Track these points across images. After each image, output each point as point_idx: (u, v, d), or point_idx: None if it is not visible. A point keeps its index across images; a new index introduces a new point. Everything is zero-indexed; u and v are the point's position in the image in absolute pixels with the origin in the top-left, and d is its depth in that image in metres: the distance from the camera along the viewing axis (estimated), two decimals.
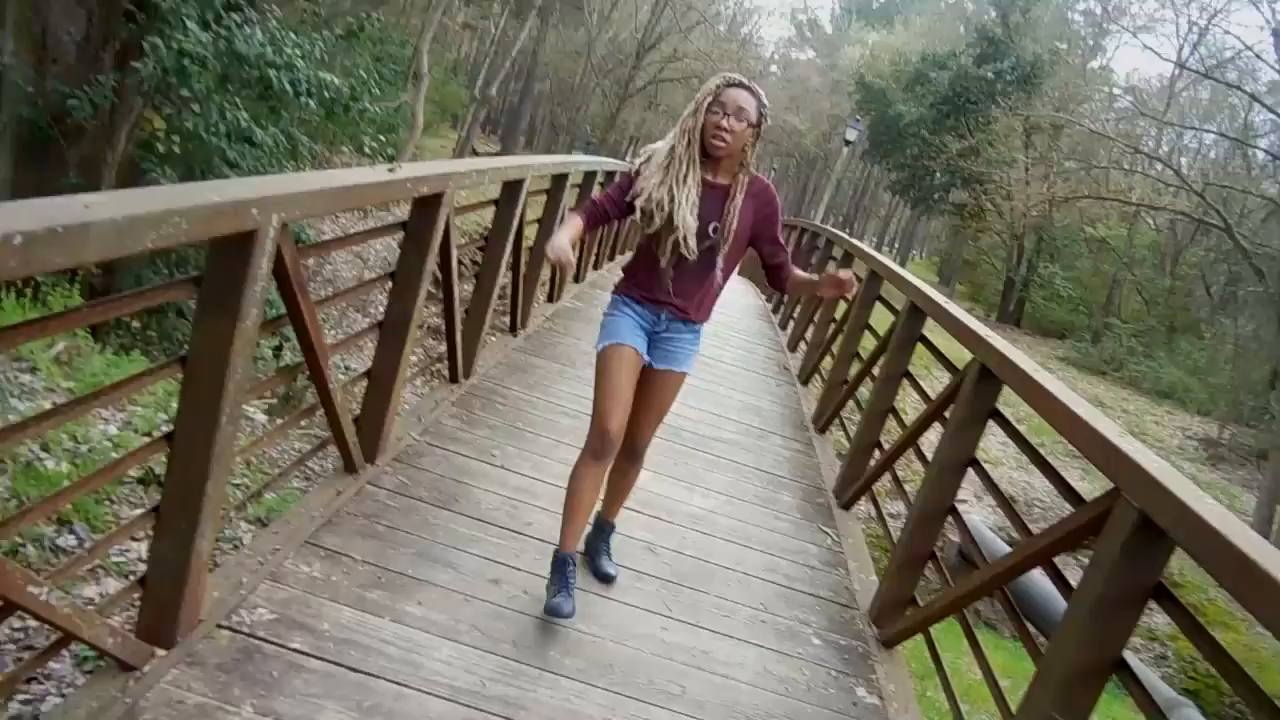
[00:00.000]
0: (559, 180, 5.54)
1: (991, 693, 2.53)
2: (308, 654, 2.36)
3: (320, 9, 9.25)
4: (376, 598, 2.69)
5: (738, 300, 11.75)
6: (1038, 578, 8.48)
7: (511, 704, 2.41)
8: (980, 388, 3.17)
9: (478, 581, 2.94)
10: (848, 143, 24.25)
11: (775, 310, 10.92)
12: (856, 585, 3.75)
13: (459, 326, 4.35)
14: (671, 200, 2.70)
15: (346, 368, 7.99)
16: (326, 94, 7.45)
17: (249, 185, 2.02)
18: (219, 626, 2.35)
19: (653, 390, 2.92)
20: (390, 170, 2.68)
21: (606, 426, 2.78)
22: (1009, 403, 3.13)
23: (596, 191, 5.73)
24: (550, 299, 7.00)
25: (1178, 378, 23.89)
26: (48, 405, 4.27)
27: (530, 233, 5.44)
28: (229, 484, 4.03)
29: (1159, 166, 25.74)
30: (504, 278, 5.01)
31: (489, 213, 4.66)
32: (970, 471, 3.24)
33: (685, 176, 2.71)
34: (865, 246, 6.72)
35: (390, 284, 3.31)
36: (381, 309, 3.47)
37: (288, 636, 2.40)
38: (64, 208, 1.43)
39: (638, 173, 2.81)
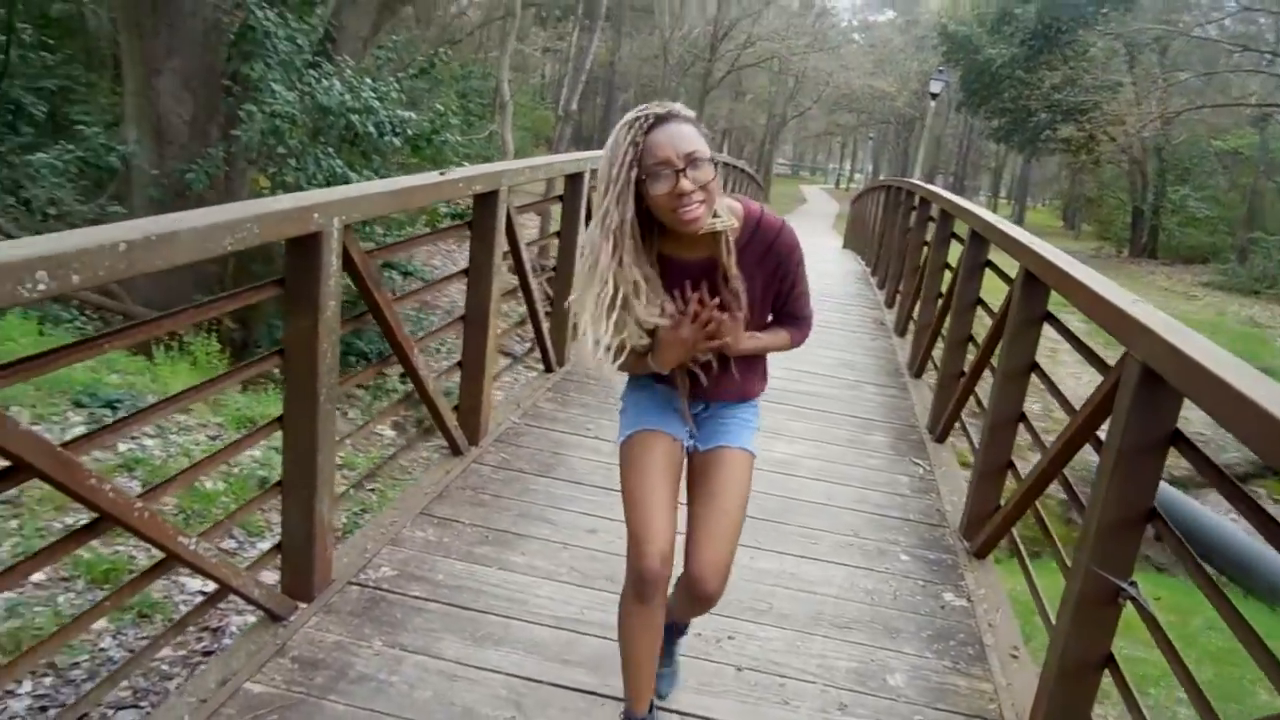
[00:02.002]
0: None
1: (1058, 563, 2.63)
2: (426, 599, 2.70)
3: (393, 54, 9.87)
4: (484, 552, 3.01)
5: (835, 269, 11.78)
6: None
7: (608, 627, 2.65)
8: (1028, 292, 3.26)
9: (575, 532, 3.23)
10: (933, 96, 23.64)
11: (874, 273, 10.89)
12: (948, 506, 3.85)
13: (543, 317, 4.68)
14: (640, 337, 1.85)
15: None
16: (409, 131, 7.99)
17: (312, 195, 2.37)
18: (349, 583, 2.72)
19: (705, 481, 2.01)
20: (441, 174, 3.00)
21: (642, 565, 1.89)
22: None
23: None
24: None
25: None
26: (202, 438, 4.82)
27: None
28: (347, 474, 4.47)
29: None
30: None
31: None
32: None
33: (637, 302, 1.79)
34: (937, 189, 6.73)
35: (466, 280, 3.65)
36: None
37: (408, 587, 2.74)
38: (159, 222, 1.79)
39: None
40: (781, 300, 2.00)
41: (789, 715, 2.37)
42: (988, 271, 4.60)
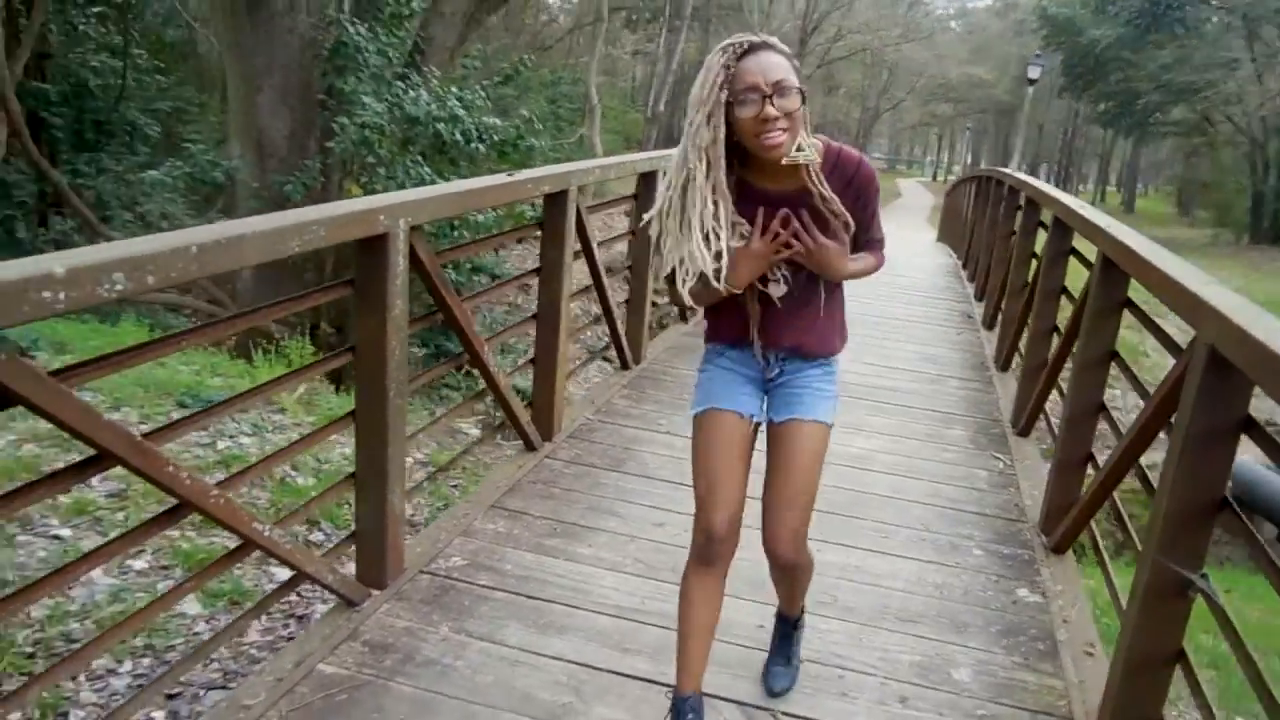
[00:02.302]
0: None
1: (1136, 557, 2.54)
2: (493, 588, 2.78)
3: (478, 63, 10.12)
4: (552, 544, 3.09)
5: (925, 262, 11.53)
6: None
7: (668, 617, 2.68)
8: (1106, 279, 3.15)
9: (643, 525, 3.27)
10: (1031, 82, 22.82)
11: (965, 265, 10.61)
12: (1028, 501, 3.75)
13: (618, 316, 4.74)
14: (714, 259, 1.85)
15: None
16: (495, 137, 8.19)
17: (378, 198, 2.48)
18: (421, 572, 2.82)
19: (779, 453, 2.06)
20: (509, 174, 3.09)
21: (709, 523, 2.02)
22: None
23: None
24: None
25: None
26: (295, 436, 5.05)
27: None
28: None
29: None
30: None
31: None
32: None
33: (714, 220, 1.83)
34: (1024, 176, 6.54)
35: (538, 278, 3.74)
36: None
37: (476, 576, 2.84)
38: (228, 226, 1.91)
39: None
40: (862, 230, 2.02)
41: (847, 706, 2.37)
42: (1075, 260, 4.45)
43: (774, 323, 2.02)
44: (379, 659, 2.39)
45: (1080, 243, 4.32)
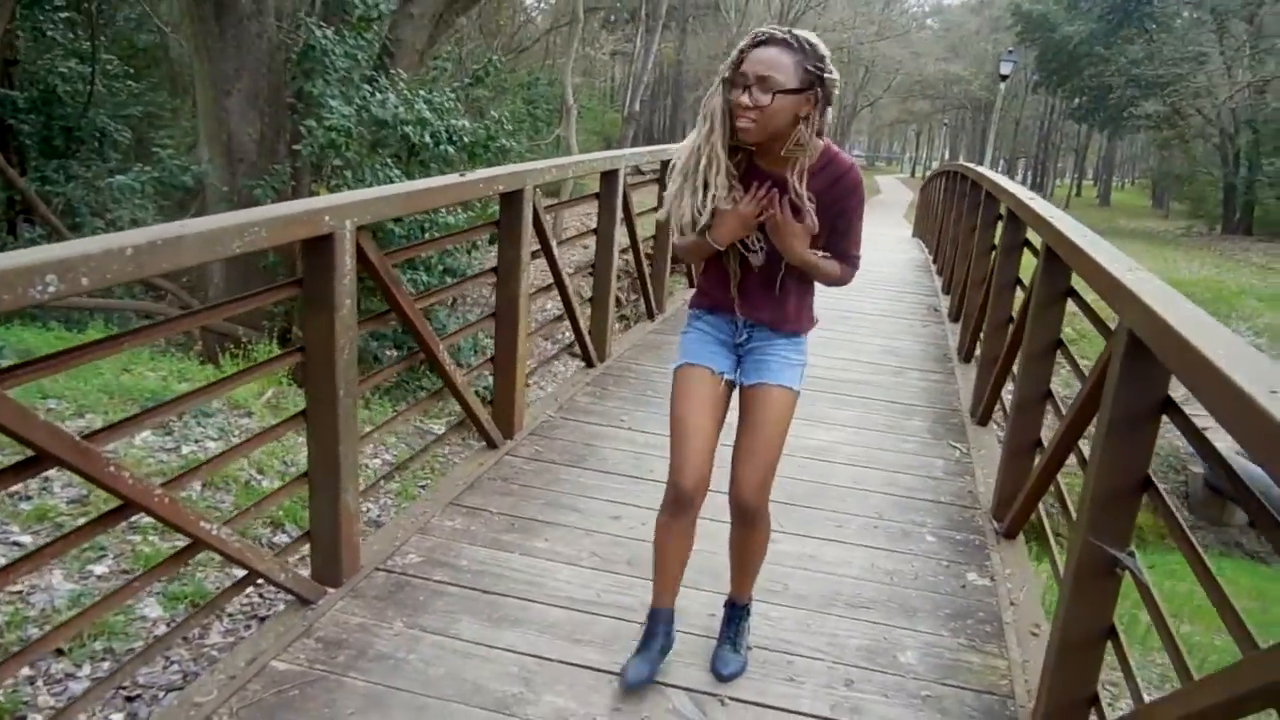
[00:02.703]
0: (665, 167, 5.89)
1: None
2: (448, 583, 2.81)
3: (447, 65, 10.12)
4: (509, 539, 3.12)
5: (897, 257, 11.63)
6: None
7: (623, 608, 2.75)
8: (1050, 269, 3.22)
9: (600, 519, 3.31)
10: (1003, 78, 23.00)
11: (935, 259, 10.71)
12: (981, 488, 3.82)
13: (580, 314, 4.77)
14: (702, 211, 2.14)
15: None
16: (466, 139, 8.19)
17: (324, 199, 2.50)
18: (376, 569, 2.85)
19: (747, 414, 2.30)
20: (461, 174, 3.12)
21: (678, 480, 2.25)
22: None
23: None
24: (692, 284, 7.34)
25: None
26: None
27: (649, 221, 5.82)
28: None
29: None
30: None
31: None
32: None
33: (710, 176, 2.11)
34: (983, 169, 6.62)
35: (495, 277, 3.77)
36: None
37: (432, 572, 2.87)
38: (168, 227, 1.94)
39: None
40: (838, 235, 2.24)
41: (793, 691, 2.41)
42: (1029, 252, 4.52)
43: (749, 296, 2.27)
44: (332, 655, 2.42)
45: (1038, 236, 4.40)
